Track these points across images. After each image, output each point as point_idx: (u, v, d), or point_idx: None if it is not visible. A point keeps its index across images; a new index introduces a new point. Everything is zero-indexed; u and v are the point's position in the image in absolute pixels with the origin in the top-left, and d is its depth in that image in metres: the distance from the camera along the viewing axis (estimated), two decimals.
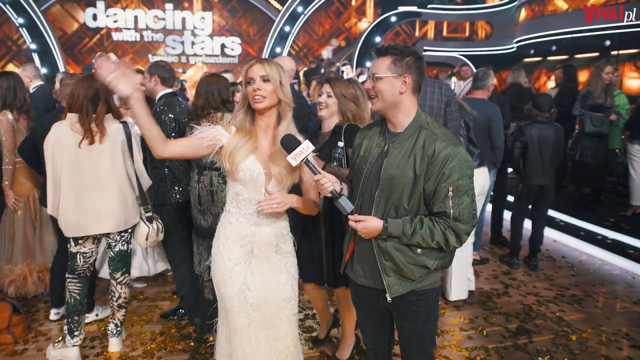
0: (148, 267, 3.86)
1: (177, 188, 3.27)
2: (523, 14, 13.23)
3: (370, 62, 2.41)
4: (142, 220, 2.94)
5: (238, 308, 2.07)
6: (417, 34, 15.41)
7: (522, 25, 13.16)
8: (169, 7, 13.82)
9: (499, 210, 5.15)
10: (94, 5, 13.30)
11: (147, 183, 2.99)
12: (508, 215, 4.76)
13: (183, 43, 13.98)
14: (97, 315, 3.47)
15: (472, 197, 1.82)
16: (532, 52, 12.81)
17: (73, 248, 2.85)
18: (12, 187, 3.43)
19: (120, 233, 2.91)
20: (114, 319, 3.05)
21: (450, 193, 1.77)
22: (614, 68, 5.78)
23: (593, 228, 5.39)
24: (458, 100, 3.81)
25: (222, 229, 2.13)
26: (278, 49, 13.72)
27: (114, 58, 6.39)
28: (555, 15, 12.23)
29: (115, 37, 13.58)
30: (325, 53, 10.69)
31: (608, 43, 10.32)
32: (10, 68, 12.66)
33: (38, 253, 3.57)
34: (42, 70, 11.21)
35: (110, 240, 2.92)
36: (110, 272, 3.00)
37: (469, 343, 3.24)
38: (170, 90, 3.37)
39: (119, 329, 3.07)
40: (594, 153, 5.67)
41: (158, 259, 3.93)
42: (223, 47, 14.29)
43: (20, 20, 11.99)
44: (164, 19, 13.82)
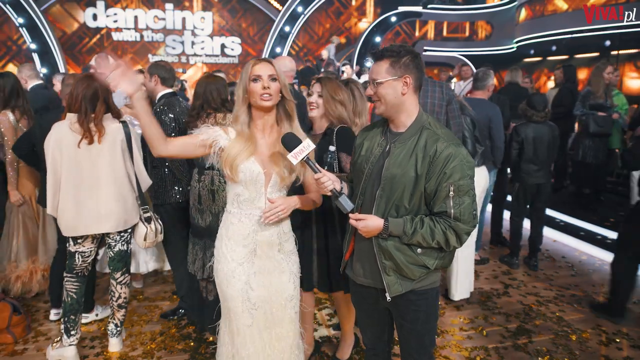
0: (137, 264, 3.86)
1: (177, 188, 3.26)
2: (523, 14, 13.24)
3: (371, 61, 2.40)
4: (140, 221, 2.94)
5: (241, 308, 2.06)
6: (417, 34, 15.42)
7: (522, 25, 13.17)
8: (169, 7, 13.84)
9: (499, 210, 5.15)
10: (94, 5, 13.32)
11: (147, 183, 2.99)
12: (508, 215, 4.76)
13: (183, 43, 14.00)
14: (97, 315, 3.46)
15: (473, 197, 1.82)
16: (532, 52, 12.82)
17: (72, 247, 2.85)
18: (16, 187, 3.46)
19: (120, 233, 2.91)
20: (114, 319, 3.05)
21: (452, 193, 1.77)
22: (614, 68, 5.79)
23: (593, 228, 5.38)
24: (460, 100, 3.81)
25: (224, 230, 2.12)
26: (278, 49, 13.73)
27: (112, 61, 6.40)
28: (555, 15, 12.24)
29: (115, 37, 13.59)
30: (326, 53, 10.65)
31: (608, 43, 10.33)
32: (10, 68, 12.67)
33: (42, 252, 3.60)
34: (42, 70, 11.27)
35: (110, 240, 2.93)
36: (110, 272, 3.01)
37: (469, 343, 3.24)
38: (171, 90, 3.37)
39: (119, 329, 3.07)
40: (595, 153, 5.67)
41: (149, 259, 3.93)
42: (223, 47, 14.31)
43: (20, 20, 12.00)
44: (164, 19, 13.84)
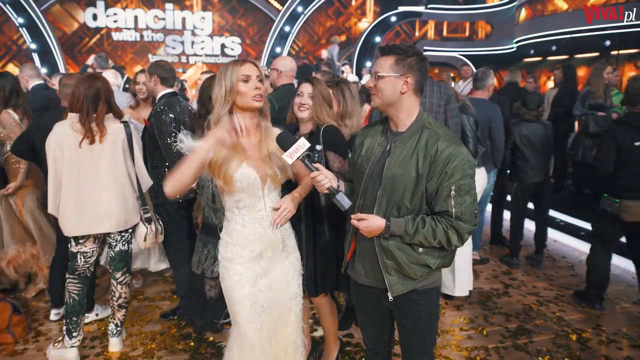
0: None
1: None
2: (523, 14, 13.23)
3: (371, 61, 2.40)
4: (140, 221, 2.93)
5: (250, 311, 2.05)
6: (417, 34, 15.41)
7: (522, 25, 13.17)
8: (169, 7, 13.83)
9: (499, 210, 5.15)
10: (94, 5, 13.30)
11: (147, 183, 2.99)
12: (508, 215, 4.76)
13: (183, 43, 13.99)
14: (97, 315, 3.46)
15: (474, 196, 1.83)
16: (532, 52, 12.81)
17: (74, 248, 2.84)
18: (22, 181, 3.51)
19: (121, 233, 2.91)
20: (114, 319, 3.05)
21: (453, 192, 1.78)
22: (614, 68, 5.79)
23: None
24: (463, 100, 3.81)
25: (227, 237, 2.10)
26: (278, 49, 13.72)
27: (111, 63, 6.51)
28: (555, 15, 12.23)
29: (115, 37, 13.58)
30: (325, 53, 10.65)
31: (608, 43, 10.32)
32: (10, 68, 12.66)
33: (42, 252, 3.60)
34: (42, 70, 11.26)
35: (111, 240, 2.92)
36: (111, 272, 3.00)
37: (469, 343, 3.24)
38: (171, 90, 3.37)
39: (119, 329, 3.07)
40: None
41: (163, 259, 3.93)
42: (223, 47, 14.29)
43: (20, 20, 11.99)
44: (164, 19, 13.82)
